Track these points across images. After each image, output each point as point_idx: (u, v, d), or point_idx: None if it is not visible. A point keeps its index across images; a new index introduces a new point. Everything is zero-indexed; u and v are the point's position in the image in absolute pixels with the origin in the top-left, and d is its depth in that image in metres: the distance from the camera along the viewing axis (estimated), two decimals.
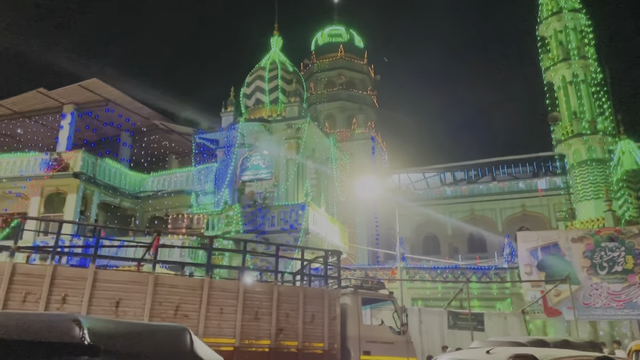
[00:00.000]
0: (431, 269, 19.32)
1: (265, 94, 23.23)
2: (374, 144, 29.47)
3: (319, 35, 36.02)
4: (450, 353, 4.96)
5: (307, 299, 9.79)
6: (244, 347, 8.94)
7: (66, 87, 20.28)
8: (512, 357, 3.00)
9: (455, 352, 4.93)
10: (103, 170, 21.07)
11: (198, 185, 22.24)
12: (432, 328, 14.75)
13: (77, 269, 9.62)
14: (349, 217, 25.53)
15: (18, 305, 8.02)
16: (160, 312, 8.59)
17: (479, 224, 26.53)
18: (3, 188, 19.95)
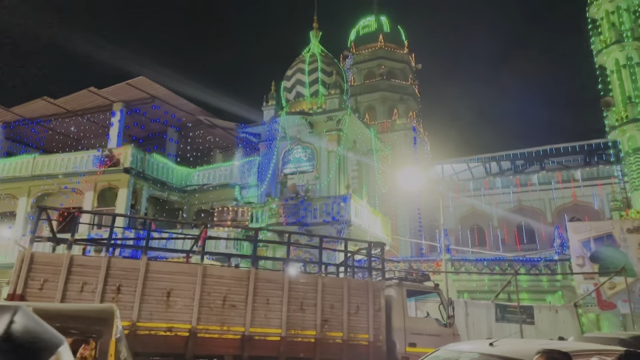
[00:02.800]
0: (477, 260, 18.93)
1: (305, 87, 23.29)
2: (415, 135, 29.02)
3: (358, 26, 35.68)
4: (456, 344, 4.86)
5: (352, 291, 9.81)
6: (290, 337, 9.07)
7: (115, 86, 21.05)
8: (541, 352, 2.88)
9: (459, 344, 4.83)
10: (151, 165, 21.79)
11: (242, 178, 22.64)
12: (479, 321, 14.45)
13: (130, 260, 10.00)
14: (391, 209, 25.32)
15: (76, 295, 8.43)
16: (209, 302, 8.83)
17: (527, 215, 25.70)
18: (59, 184, 20.99)
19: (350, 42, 35.09)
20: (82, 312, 3.77)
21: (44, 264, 8.47)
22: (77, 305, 4.52)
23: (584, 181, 25.25)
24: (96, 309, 3.89)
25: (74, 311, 3.84)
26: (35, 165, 21.54)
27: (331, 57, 24.92)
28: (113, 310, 3.71)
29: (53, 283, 8.36)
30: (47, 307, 4.05)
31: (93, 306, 4.00)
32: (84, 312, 3.79)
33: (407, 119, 29.73)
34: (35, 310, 3.71)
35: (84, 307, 4.10)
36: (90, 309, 3.88)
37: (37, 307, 3.72)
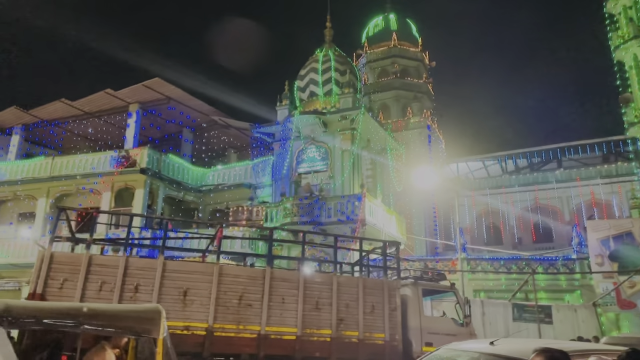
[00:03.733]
0: (493, 259, 18.75)
1: (319, 86, 23.29)
2: (430, 133, 28.83)
3: (371, 25, 35.56)
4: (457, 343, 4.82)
5: (367, 290, 9.80)
6: (305, 337, 9.09)
7: (131, 87, 21.29)
8: (538, 351, 2.84)
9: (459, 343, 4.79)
10: (167, 165, 22.00)
11: (256, 178, 22.74)
12: (496, 320, 14.33)
13: (147, 259, 10.10)
14: (406, 208, 25.20)
15: (94, 294, 8.54)
16: (225, 301, 8.89)
17: (544, 213, 25.35)
18: (77, 184, 21.31)
19: (363, 40, 34.99)
20: (133, 313, 3.93)
21: (64, 263, 8.60)
22: (129, 306, 4.71)
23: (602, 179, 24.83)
24: (145, 309, 4.04)
25: (127, 311, 3.99)
26: (54, 166, 21.91)
27: (344, 56, 24.88)
28: (160, 311, 3.88)
29: (72, 282, 8.49)
30: (102, 308, 4.19)
31: (142, 307, 4.16)
32: (135, 312, 3.94)
33: (421, 117, 29.54)
34: (90, 311, 3.87)
35: (135, 307, 4.27)
36: (141, 309, 4.03)
37: (92, 308, 3.84)
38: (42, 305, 4.55)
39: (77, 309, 3.78)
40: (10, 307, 3.51)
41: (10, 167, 22.57)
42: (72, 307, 3.89)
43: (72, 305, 3.88)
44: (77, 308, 3.84)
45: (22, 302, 4.03)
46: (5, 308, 3.47)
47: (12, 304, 3.60)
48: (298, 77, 24.16)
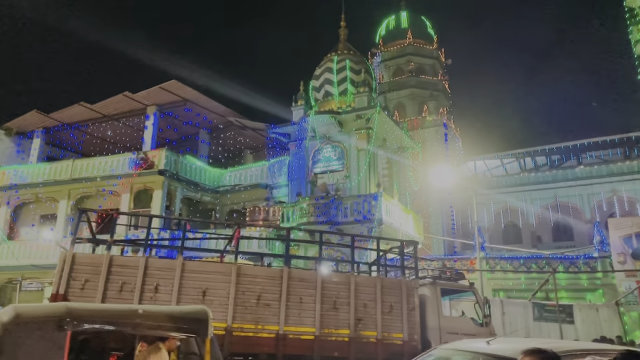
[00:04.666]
0: (513, 258, 18.52)
1: (334, 86, 23.28)
2: (446, 131, 28.60)
3: (386, 23, 35.40)
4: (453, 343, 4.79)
5: (385, 290, 9.76)
6: (324, 336, 9.09)
7: (148, 90, 21.53)
8: (525, 352, 2.79)
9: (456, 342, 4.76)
10: (184, 166, 22.21)
11: (272, 178, 22.81)
12: (516, 320, 14.16)
13: (167, 260, 10.21)
14: (423, 207, 25.04)
15: (115, 294, 8.66)
16: (244, 301, 8.94)
17: (564, 211, 24.96)
18: (97, 186, 21.64)
19: (378, 39, 34.85)
20: (184, 314, 4.09)
21: (85, 264, 8.75)
22: (179, 308, 4.88)
23: (623, 175, 24.35)
24: (194, 310, 4.20)
25: (178, 313, 4.15)
26: (75, 168, 22.27)
27: (359, 55, 24.81)
28: (207, 312, 4.05)
29: (94, 283, 8.63)
30: (156, 309, 4.34)
31: (191, 308, 4.32)
32: (185, 313, 4.10)
33: (437, 116, 29.33)
34: (145, 312, 4.01)
35: (185, 308, 4.43)
36: (190, 310, 4.19)
37: (147, 309, 3.97)
38: (101, 307, 4.71)
39: (133, 311, 3.91)
40: (71, 310, 3.63)
41: (32, 170, 23.02)
42: (128, 309, 4.03)
43: (129, 307, 4.06)
44: (133, 310, 3.98)
45: (82, 305, 4.18)
46: (67, 311, 3.59)
47: (73, 307, 3.72)
48: (313, 77, 24.17)
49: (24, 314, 3.45)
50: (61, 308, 3.65)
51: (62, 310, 3.59)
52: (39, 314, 3.53)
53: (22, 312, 3.47)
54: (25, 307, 3.66)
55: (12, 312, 3.43)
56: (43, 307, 3.77)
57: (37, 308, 3.73)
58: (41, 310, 3.63)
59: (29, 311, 3.55)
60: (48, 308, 3.72)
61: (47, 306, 3.84)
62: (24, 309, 3.56)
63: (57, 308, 3.68)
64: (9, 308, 3.52)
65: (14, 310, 3.46)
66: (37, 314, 3.54)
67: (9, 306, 3.70)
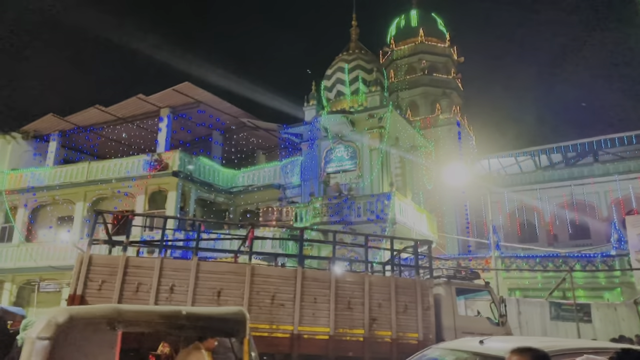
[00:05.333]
0: (529, 257, 18.32)
1: (345, 85, 23.25)
2: (459, 129, 28.38)
3: (397, 22, 35.24)
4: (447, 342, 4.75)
5: (399, 289, 9.73)
6: (338, 336, 9.09)
7: (162, 92, 21.72)
8: (513, 351, 2.74)
9: (449, 342, 4.72)
10: (198, 168, 22.38)
11: (285, 178, 22.88)
12: (533, 319, 14.01)
13: (182, 260, 10.28)
14: (437, 206, 24.88)
15: (131, 295, 8.74)
16: (258, 301, 8.97)
17: (580, 209, 24.62)
18: (113, 188, 21.90)
19: (389, 37, 34.70)
20: (224, 315, 4.23)
21: (102, 265, 8.84)
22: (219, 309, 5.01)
23: None
24: (233, 311, 4.33)
25: (219, 314, 4.29)
26: (90, 171, 22.57)
27: (371, 54, 24.76)
28: (245, 313, 4.19)
29: (110, 284, 8.71)
30: (198, 311, 4.48)
31: (230, 309, 4.47)
32: (225, 314, 4.24)
33: (450, 114, 29.14)
34: (188, 314, 4.13)
35: (224, 310, 4.58)
36: (230, 311, 4.32)
37: (189, 311, 4.09)
38: (147, 309, 4.84)
39: (177, 312, 4.04)
40: (121, 312, 3.76)
41: (49, 173, 23.37)
42: (173, 311, 4.15)
43: (173, 309, 4.21)
44: (177, 311, 4.11)
45: (131, 307, 4.32)
46: (117, 312, 3.72)
47: (122, 309, 3.86)
48: (325, 76, 24.18)
49: (77, 315, 3.59)
50: (111, 310, 3.78)
51: (113, 312, 3.73)
52: (91, 315, 3.67)
53: (75, 313, 3.61)
54: (78, 309, 3.80)
55: (66, 314, 3.56)
56: (94, 309, 3.91)
57: (89, 309, 3.87)
58: (92, 312, 3.76)
59: (81, 313, 3.68)
60: (99, 310, 3.85)
61: (97, 308, 3.97)
62: (77, 311, 3.70)
63: (107, 310, 3.82)
64: (62, 310, 3.66)
65: (67, 311, 3.59)
66: (89, 315, 3.67)
67: (61, 308, 3.84)
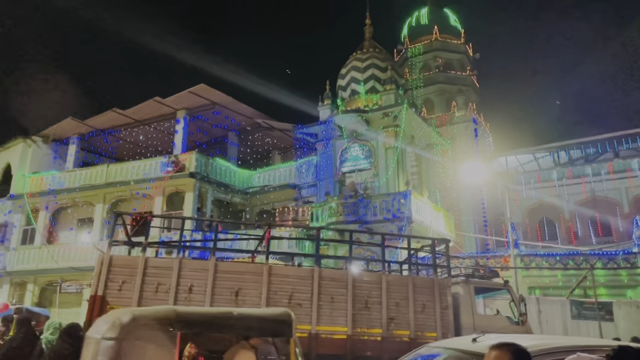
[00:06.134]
0: (549, 255, 18.05)
1: (360, 84, 23.20)
2: (476, 127, 28.12)
3: (411, 19, 35.06)
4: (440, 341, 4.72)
5: (417, 288, 9.68)
6: (356, 336, 9.08)
7: (178, 94, 21.92)
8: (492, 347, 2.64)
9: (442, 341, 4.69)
10: (214, 169, 22.54)
11: (300, 178, 22.92)
12: (553, 318, 13.82)
13: (200, 261, 10.38)
14: (454, 204, 24.66)
15: (151, 295, 8.86)
16: (276, 300, 9.00)
17: (601, 206, 24.15)
18: (131, 190, 22.20)
19: (404, 35, 34.53)
20: (272, 315, 4.34)
21: (122, 266, 8.97)
22: (267, 310, 5.14)
23: None
24: (280, 312, 4.43)
25: (267, 315, 4.40)
26: (109, 173, 22.91)
27: (385, 53, 24.65)
28: (290, 314, 4.31)
29: (130, 284, 8.84)
30: (248, 312, 4.60)
31: (277, 310, 4.60)
32: (273, 315, 4.35)
33: (466, 111, 28.87)
34: (239, 315, 4.25)
35: (272, 310, 4.71)
36: (277, 312, 4.42)
37: (240, 312, 4.19)
38: (202, 310, 4.98)
39: (228, 313, 4.14)
40: (179, 313, 3.89)
41: (69, 176, 23.78)
42: (225, 312, 4.26)
43: (225, 310, 4.35)
44: (228, 312, 4.21)
45: (188, 308, 4.46)
46: (176, 314, 3.85)
47: (180, 310, 3.98)
48: (339, 76, 24.16)
49: (140, 316, 3.72)
50: (170, 311, 3.91)
51: (172, 313, 3.85)
52: (152, 316, 3.80)
53: (138, 314, 3.74)
54: (140, 310, 3.94)
55: (129, 315, 3.71)
56: (154, 310, 4.04)
57: (149, 311, 4.00)
58: (153, 313, 3.89)
59: (143, 314, 3.81)
60: (158, 311, 3.99)
61: (156, 309, 4.12)
62: (139, 312, 3.83)
63: (166, 311, 3.96)
64: (125, 311, 3.80)
65: (130, 313, 3.73)
66: (150, 316, 3.80)
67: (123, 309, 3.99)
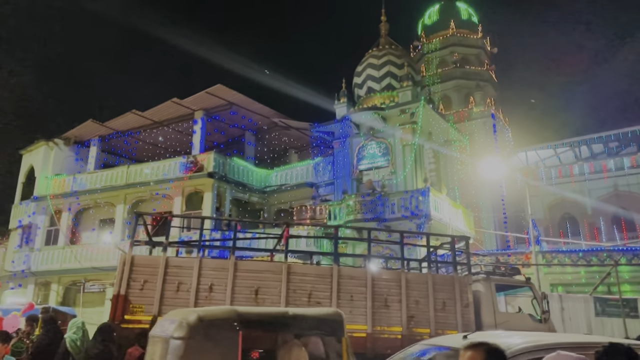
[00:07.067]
0: (571, 252, 17.74)
1: (376, 82, 23.10)
2: (494, 122, 27.75)
3: (428, 14, 34.73)
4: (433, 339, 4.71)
5: (437, 286, 9.62)
6: (376, 334, 9.06)
7: (195, 95, 22.14)
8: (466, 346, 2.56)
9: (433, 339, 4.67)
10: (232, 168, 22.71)
11: (317, 177, 22.94)
12: (577, 315, 13.58)
13: (220, 260, 10.46)
14: (473, 201, 24.40)
15: (172, 294, 8.96)
16: (295, 299, 9.03)
17: (624, 201, 23.65)
18: (151, 190, 22.50)
19: (420, 31, 34.25)
20: (324, 316, 4.45)
21: (144, 266, 9.09)
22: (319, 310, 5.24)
23: None
24: (331, 312, 4.53)
25: (320, 315, 4.51)
26: (129, 174, 23.25)
27: (401, 49, 24.52)
28: (342, 314, 4.44)
29: (152, 284, 8.95)
30: (302, 312, 4.70)
31: (328, 310, 4.75)
32: (326, 315, 4.46)
33: (484, 106, 28.51)
34: (294, 314, 4.38)
35: (323, 311, 4.81)
36: (328, 312, 4.53)
37: (294, 312, 4.28)
38: (260, 310, 5.10)
39: (285, 313, 4.25)
40: (240, 313, 4.02)
41: (90, 177, 24.21)
42: (282, 312, 4.37)
43: (281, 310, 4.49)
44: (285, 312, 4.31)
45: (247, 308, 4.60)
46: (237, 314, 3.97)
47: (240, 310, 4.10)
48: (355, 73, 24.11)
49: (205, 316, 3.86)
50: (232, 311, 4.03)
51: (233, 313, 3.97)
52: (215, 317, 3.93)
53: (203, 315, 3.88)
54: (205, 311, 4.08)
55: (195, 315, 3.85)
56: (217, 310, 4.17)
57: (213, 311, 4.13)
58: (217, 313, 4.02)
59: (208, 314, 3.95)
60: (221, 311, 4.12)
61: (219, 309, 4.24)
62: (203, 312, 3.96)
63: (228, 311, 4.08)
64: (190, 311, 3.93)
65: (196, 313, 3.85)
66: (214, 316, 3.93)
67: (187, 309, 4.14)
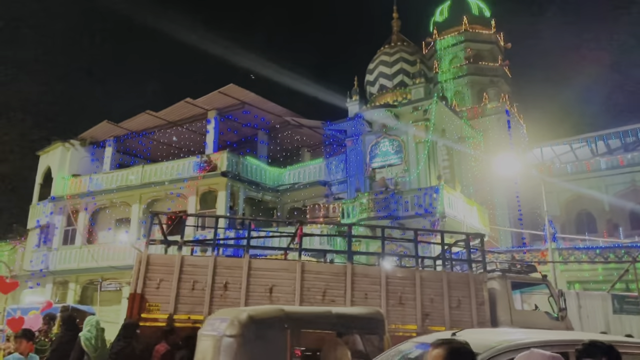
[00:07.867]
0: (588, 249, 17.52)
1: (388, 79, 23.00)
2: (509, 118, 27.46)
3: (440, 10, 34.44)
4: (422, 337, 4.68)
5: (452, 284, 9.57)
6: (391, 332, 8.93)
7: (208, 95, 22.27)
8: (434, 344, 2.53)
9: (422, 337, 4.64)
10: (245, 167, 22.82)
11: (330, 175, 22.94)
12: (594, 313, 13.41)
13: (234, 258, 10.52)
14: (488, 198, 24.20)
15: (188, 292, 9.03)
16: (309, 297, 9.04)
17: None
18: (166, 190, 22.73)
19: (432, 27, 33.99)
20: (366, 315, 4.53)
21: (159, 264, 9.17)
22: (359, 309, 5.30)
23: None
24: (372, 312, 4.60)
25: (360, 314, 4.57)
26: (144, 174, 23.50)
27: (413, 46, 24.40)
28: (382, 313, 4.67)
29: (168, 282, 9.03)
30: (344, 311, 4.80)
31: (369, 309, 4.86)
32: (367, 314, 4.55)
33: (498, 103, 28.23)
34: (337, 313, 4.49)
35: (365, 310, 4.91)
36: (369, 312, 4.62)
37: (338, 311, 4.36)
38: (306, 310, 5.19)
39: (329, 312, 4.32)
40: (288, 313, 4.11)
41: (106, 177, 24.53)
42: (326, 311, 4.45)
43: (325, 309, 4.58)
44: (328, 311, 4.39)
45: (294, 308, 4.70)
46: (285, 313, 4.07)
47: (288, 310, 4.19)
48: (367, 71, 24.04)
49: (255, 316, 3.95)
50: (280, 311, 4.11)
51: (281, 313, 4.05)
52: (265, 316, 4.00)
53: (253, 314, 3.97)
54: (254, 310, 4.16)
55: (246, 314, 3.95)
56: (265, 310, 4.25)
57: (262, 310, 4.22)
58: (266, 312, 4.10)
59: (257, 313, 4.04)
60: (270, 310, 4.19)
61: (266, 309, 4.32)
62: (254, 312, 4.04)
63: (276, 310, 4.16)
64: (240, 310, 4.01)
65: (246, 312, 3.93)
66: (263, 315, 4.01)
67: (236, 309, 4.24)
